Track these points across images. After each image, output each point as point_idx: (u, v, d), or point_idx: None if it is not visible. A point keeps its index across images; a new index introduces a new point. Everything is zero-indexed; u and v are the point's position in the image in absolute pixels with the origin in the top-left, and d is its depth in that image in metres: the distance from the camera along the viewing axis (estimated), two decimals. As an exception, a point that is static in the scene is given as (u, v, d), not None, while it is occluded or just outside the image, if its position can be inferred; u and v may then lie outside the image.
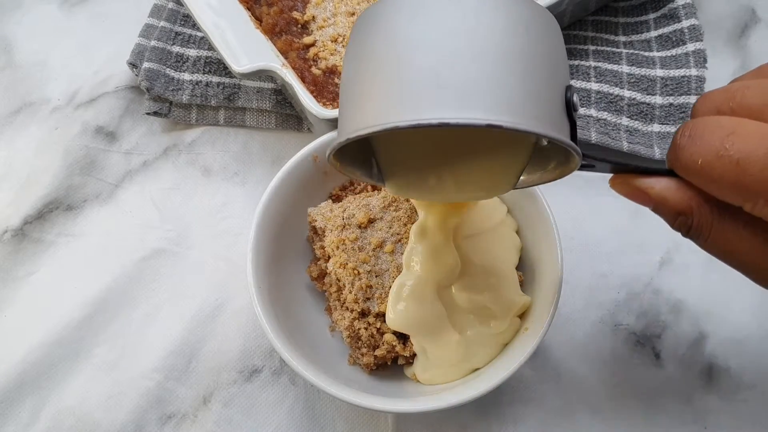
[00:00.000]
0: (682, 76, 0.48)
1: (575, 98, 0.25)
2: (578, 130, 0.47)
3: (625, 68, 0.49)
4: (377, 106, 0.24)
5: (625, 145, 0.47)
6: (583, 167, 0.27)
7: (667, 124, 0.48)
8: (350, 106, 0.26)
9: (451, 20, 0.23)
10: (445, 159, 0.30)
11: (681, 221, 0.26)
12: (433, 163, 0.30)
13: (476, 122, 0.22)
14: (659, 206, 0.26)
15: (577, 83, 0.49)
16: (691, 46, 0.49)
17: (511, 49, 0.23)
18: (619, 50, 0.51)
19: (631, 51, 0.51)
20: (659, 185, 0.26)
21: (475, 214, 0.38)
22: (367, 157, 0.32)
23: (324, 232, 0.39)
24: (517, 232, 0.40)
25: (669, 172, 0.26)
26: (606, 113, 0.48)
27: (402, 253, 0.37)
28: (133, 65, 0.52)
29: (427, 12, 0.24)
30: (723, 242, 0.25)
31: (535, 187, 0.38)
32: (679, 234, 0.28)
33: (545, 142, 0.30)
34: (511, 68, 0.23)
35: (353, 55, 0.26)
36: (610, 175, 0.33)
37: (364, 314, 0.37)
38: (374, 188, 0.43)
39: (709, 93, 0.26)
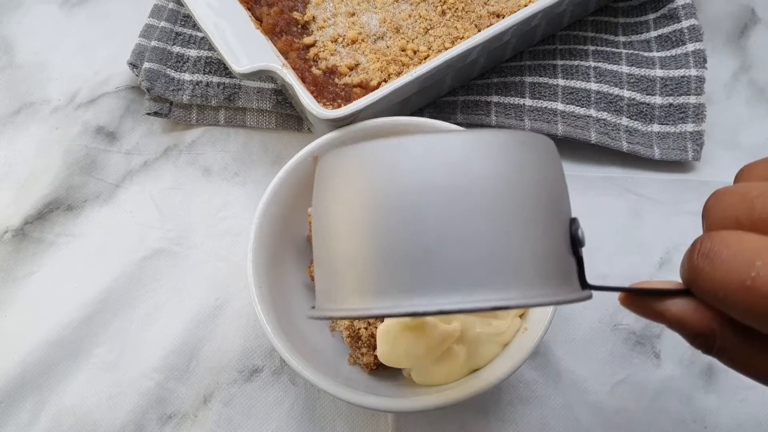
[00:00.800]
0: (682, 77, 0.48)
1: (580, 233, 0.23)
2: (578, 131, 0.48)
3: (624, 68, 0.50)
4: (353, 284, 0.21)
5: (624, 146, 0.47)
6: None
7: (667, 124, 0.48)
8: (325, 275, 0.24)
9: (441, 178, 0.21)
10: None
11: (700, 342, 0.23)
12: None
13: (480, 306, 0.20)
14: (676, 328, 0.24)
15: (576, 83, 0.49)
16: (690, 47, 0.49)
17: (507, 203, 0.21)
18: (618, 50, 0.51)
19: (631, 51, 0.51)
20: (675, 307, 0.23)
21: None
22: None
23: (324, 232, 0.39)
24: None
25: (685, 292, 0.23)
26: (605, 113, 0.48)
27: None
28: (133, 65, 0.52)
29: (408, 163, 0.21)
30: (749, 364, 0.23)
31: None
32: (679, 234, 0.28)
33: None
34: (510, 228, 0.21)
35: (322, 210, 0.24)
36: (610, 176, 0.33)
37: (364, 314, 0.37)
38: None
39: (722, 194, 0.23)
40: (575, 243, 0.23)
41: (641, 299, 0.25)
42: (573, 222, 0.23)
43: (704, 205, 0.24)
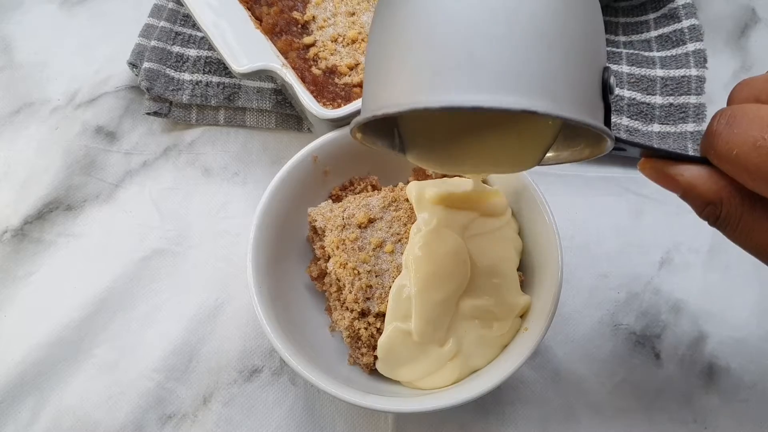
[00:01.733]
0: (682, 76, 0.48)
1: (612, 80, 0.24)
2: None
3: (625, 68, 0.49)
4: (407, 84, 0.23)
5: (625, 145, 0.47)
6: (613, 149, 0.26)
7: (667, 124, 0.48)
8: (377, 80, 0.25)
9: None
10: (470, 132, 0.29)
11: (709, 210, 0.25)
12: (458, 136, 0.29)
13: (511, 107, 0.21)
14: (687, 193, 0.25)
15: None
16: (691, 46, 0.49)
17: (551, 27, 0.22)
18: (619, 50, 0.51)
19: (631, 51, 0.51)
20: (689, 172, 0.25)
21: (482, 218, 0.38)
22: (388, 128, 0.31)
23: (324, 232, 0.39)
24: (518, 233, 0.40)
25: (701, 160, 0.25)
26: (606, 113, 0.48)
27: (402, 253, 0.37)
28: (133, 65, 0.52)
29: None
30: (752, 233, 0.25)
31: (536, 187, 0.38)
32: (679, 234, 0.28)
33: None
34: (550, 49, 0.22)
35: (380, 25, 0.25)
36: (611, 176, 0.33)
37: (364, 314, 0.37)
38: (374, 188, 0.43)
39: (748, 79, 0.25)
40: (606, 89, 0.24)
41: (659, 164, 0.26)
42: (606, 70, 0.24)
43: (731, 91, 0.26)
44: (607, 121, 0.24)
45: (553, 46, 0.22)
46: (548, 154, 0.30)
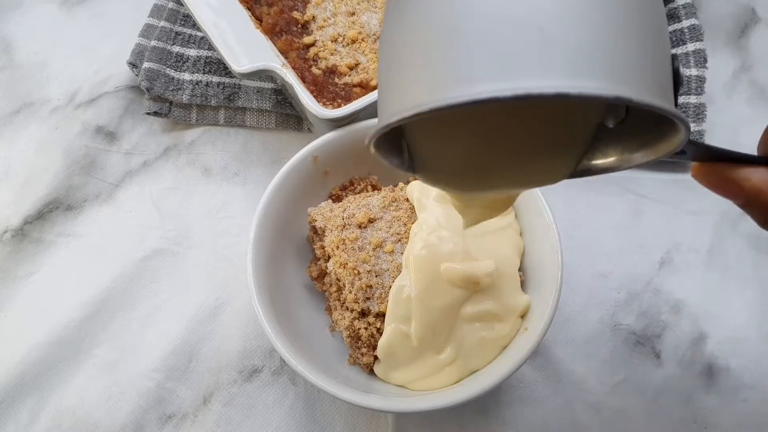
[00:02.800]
0: (683, 76, 0.48)
1: (681, 70, 0.21)
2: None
3: (625, 68, 0.49)
4: (457, 67, 0.18)
5: (625, 145, 0.47)
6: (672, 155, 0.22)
7: (667, 124, 0.48)
8: (403, 70, 0.20)
9: None
10: (494, 141, 0.24)
11: None
12: (477, 143, 0.24)
13: (604, 93, 0.17)
14: (752, 200, 0.22)
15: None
16: (691, 46, 0.49)
17: (629, 3, 0.18)
18: (619, 50, 0.51)
19: (631, 51, 0.51)
20: (756, 176, 0.22)
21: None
22: (396, 140, 0.25)
23: (324, 231, 0.39)
24: (519, 234, 0.40)
25: (765, 160, 0.22)
26: (606, 113, 0.48)
27: (402, 253, 0.37)
28: (133, 65, 0.52)
29: None
30: None
31: (536, 187, 0.38)
32: (679, 234, 0.28)
33: (611, 123, 0.24)
34: (630, 28, 0.18)
35: (399, 15, 0.20)
36: (611, 176, 0.31)
37: (364, 314, 0.37)
38: (374, 188, 0.43)
39: None
40: (677, 79, 0.20)
41: (718, 168, 0.22)
42: (675, 58, 0.20)
43: None
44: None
45: (633, 23, 0.18)
46: (585, 162, 0.27)
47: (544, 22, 0.17)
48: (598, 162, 0.26)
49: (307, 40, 0.46)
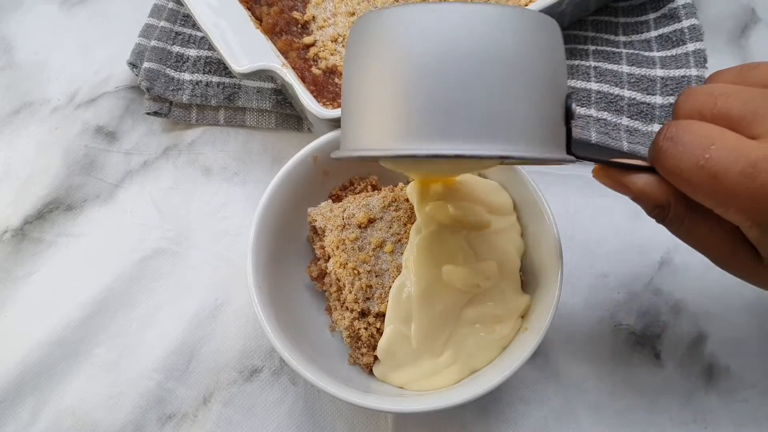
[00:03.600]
0: (683, 76, 0.48)
1: (573, 106, 0.26)
2: (578, 130, 0.48)
3: (625, 68, 0.49)
4: (387, 128, 0.25)
5: (625, 145, 0.47)
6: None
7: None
8: (357, 118, 0.26)
9: (459, 39, 0.24)
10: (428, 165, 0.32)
11: (657, 212, 0.28)
12: (418, 167, 0.33)
13: (491, 153, 0.23)
14: (639, 198, 0.28)
15: (577, 83, 0.49)
16: (691, 46, 0.49)
17: (520, 71, 0.24)
18: (619, 50, 0.51)
19: (631, 51, 0.51)
20: (640, 181, 0.28)
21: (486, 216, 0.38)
22: None
23: (324, 231, 0.39)
24: (520, 235, 0.40)
25: (650, 169, 0.27)
26: (606, 113, 0.48)
27: (402, 253, 0.37)
28: (133, 65, 0.52)
29: (432, 28, 0.24)
30: (693, 231, 0.28)
31: (536, 187, 0.38)
32: None
33: None
34: (520, 93, 0.24)
35: (356, 64, 0.27)
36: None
37: (364, 314, 0.37)
38: (374, 188, 0.43)
39: (692, 92, 0.27)
40: (568, 114, 0.26)
41: (612, 172, 0.29)
42: (569, 97, 0.26)
43: (676, 100, 0.28)
44: (568, 143, 0.27)
45: (524, 87, 0.24)
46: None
47: (451, 94, 0.24)
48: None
49: (307, 40, 0.46)
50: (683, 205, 0.27)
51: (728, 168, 0.23)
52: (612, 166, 0.29)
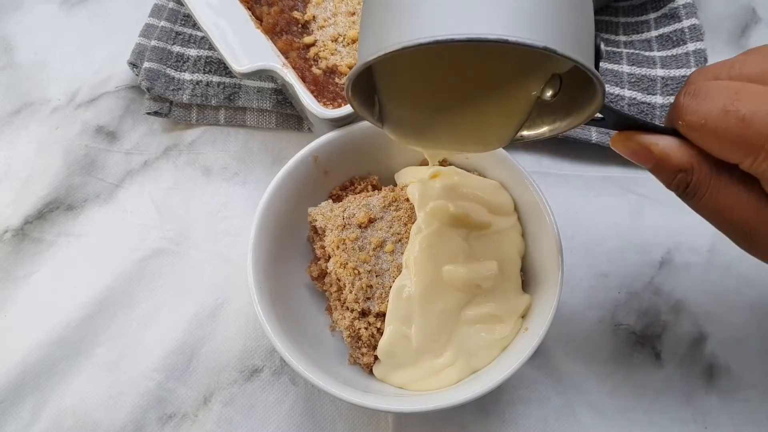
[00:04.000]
0: (683, 76, 0.48)
1: (602, 46, 0.25)
2: (579, 130, 0.48)
3: (625, 68, 0.49)
4: (420, 17, 0.22)
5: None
6: (592, 121, 0.28)
7: (668, 123, 0.48)
8: (384, 12, 0.24)
9: None
10: (449, 101, 0.29)
11: (680, 179, 0.26)
12: (436, 105, 0.29)
13: (536, 43, 0.21)
14: (661, 163, 0.27)
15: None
16: (691, 46, 0.49)
17: None
18: (619, 50, 0.51)
19: (632, 51, 0.51)
20: (663, 142, 0.26)
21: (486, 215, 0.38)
22: (371, 96, 0.31)
23: (324, 231, 0.39)
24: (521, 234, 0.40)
25: (669, 131, 0.26)
26: (606, 113, 0.48)
27: (402, 253, 0.37)
28: (133, 65, 0.52)
29: None
30: (717, 199, 0.26)
31: (536, 187, 0.38)
32: (679, 234, 0.29)
33: (548, 95, 0.29)
34: (562, 2, 0.23)
35: None
36: (611, 176, 0.33)
37: (364, 314, 0.37)
38: (375, 188, 0.43)
39: (705, 67, 0.27)
40: (598, 54, 0.25)
41: (632, 135, 0.27)
42: (597, 35, 0.25)
43: (687, 77, 0.27)
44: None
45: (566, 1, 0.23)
46: (522, 132, 0.31)
47: None
48: (531, 132, 0.32)
49: (307, 39, 0.46)
50: (707, 169, 0.26)
51: (758, 108, 0.23)
52: (631, 127, 0.27)
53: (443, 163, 0.41)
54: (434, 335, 0.35)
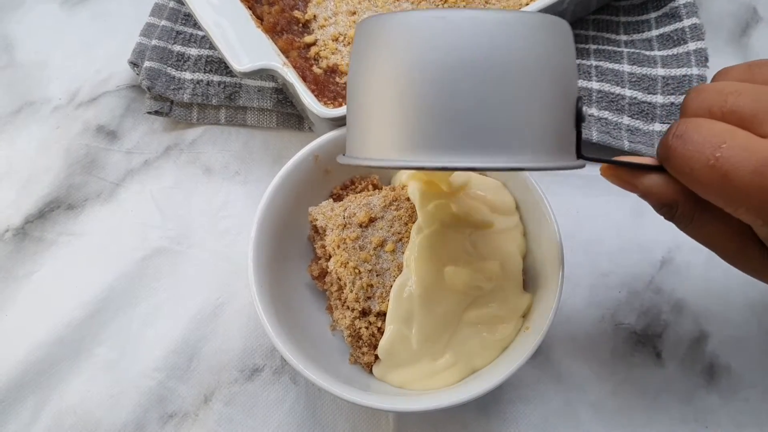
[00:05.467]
0: (684, 75, 0.48)
1: (584, 110, 0.26)
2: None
3: (626, 67, 0.49)
4: (395, 137, 0.24)
5: (626, 144, 0.47)
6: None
7: (669, 123, 0.48)
8: (364, 125, 0.26)
9: (469, 46, 0.23)
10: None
11: (665, 210, 0.28)
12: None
13: (504, 165, 0.23)
14: (646, 196, 0.28)
15: (578, 83, 0.49)
16: (692, 45, 0.49)
17: (533, 78, 0.24)
18: (620, 49, 0.51)
19: (633, 50, 0.51)
20: (649, 181, 0.28)
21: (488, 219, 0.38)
22: None
23: (325, 231, 0.39)
24: (523, 234, 0.40)
25: (658, 168, 0.27)
26: (607, 112, 0.48)
27: (403, 252, 0.37)
28: (134, 64, 0.52)
29: (441, 33, 0.23)
30: (702, 230, 0.28)
31: (537, 186, 0.38)
32: (680, 233, 0.29)
33: None
34: (533, 100, 0.24)
35: (363, 67, 0.26)
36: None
37: (365, 313, 0.37)
38: (375, 187, 0.43)
39: (700, 89, 0.27)
40: (579, 118, 0.26)
41: (620, 171, 0.29)
42: (579, 100, 0.26)
43: (684, 97, 0.28)
44: (578, 146, 0.27)
45: (536, 96, 0.24)
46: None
47: (459, 108, 0.23)
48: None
49: (308, 39, 0.46)
50: (692, 203, 0.27)
51: (739, 167, 0.23)
52: (620, 166, 0.28)
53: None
54: (435, 338, 0.35)
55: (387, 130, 0.25)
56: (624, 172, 0.28)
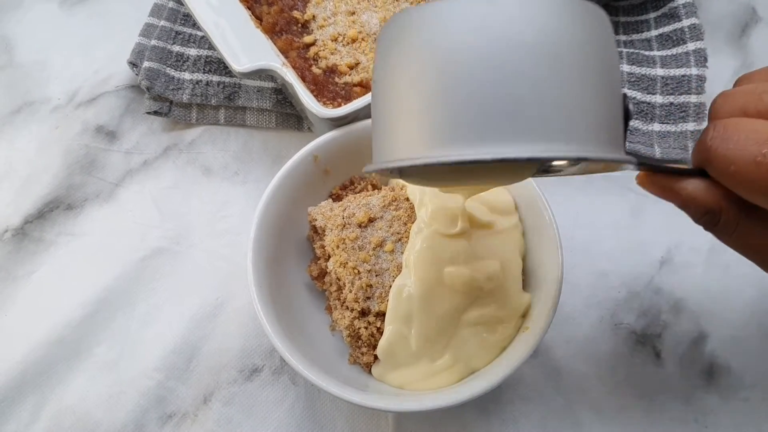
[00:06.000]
0: (683, 75, 0.48)
1: (631, 106, 0.25)
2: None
3: (625, 67, 0.49)
4: (433, 132, 0.21)
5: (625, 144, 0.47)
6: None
7: (668, 123, 0.48)
8: (395, 124, 0.23)
9: (516, 29, 0.21)
10: (465, 171, 0.28)
11: (707, 218, 0.26)
12: (452, 175, 0.29)
13: (562, 155, 0.20)
14: (688, 204, 0.26)
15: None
16: (691, 45, 0.49)
17: (585, 63, 0.21)
18: (619, 49, 0.51)
19: (632, 50, 0.51)
20: (691, 186, 0.26)
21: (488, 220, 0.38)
22: None
23: (324, 231, 0.39)
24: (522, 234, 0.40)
25: (698, 172, 0.26)
26: (606, 112, 0.48)
27: (402, 252, 0.37)
28: (133, 64, 0.52)
29: (482, 19, 0.21)
30: (748, 238, 0.26)
31: (536, 186, 0.38)
32: (680, 233, 0.29)
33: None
34: (586, 88, 0.21)
35: (391, 64, 0.24)
36: (611, 175, 0.33)
37: (364, 313, 0.37)
38: (374, 187, 0.43)
39: (730, 92, 0.26)
40: (626, 116, 0.24)
41: (659, 179, 0.27)
42: (625, 97, 0.24)
43: (711, 104, 0.27)
44: (623, 143, 0.25)
45: (589, 82, 0.21)
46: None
47: (516, 97, 0.20)
48: (557, 170, 0.30)
49: (307, 39, 0.46)
50: (735, 209, 0.25)
51: None
52: (659, 172, 0.27)
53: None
54: (434, 338, 0.35)
55: (420, 125, 0.22)
56: (663, 179, 0.27)
